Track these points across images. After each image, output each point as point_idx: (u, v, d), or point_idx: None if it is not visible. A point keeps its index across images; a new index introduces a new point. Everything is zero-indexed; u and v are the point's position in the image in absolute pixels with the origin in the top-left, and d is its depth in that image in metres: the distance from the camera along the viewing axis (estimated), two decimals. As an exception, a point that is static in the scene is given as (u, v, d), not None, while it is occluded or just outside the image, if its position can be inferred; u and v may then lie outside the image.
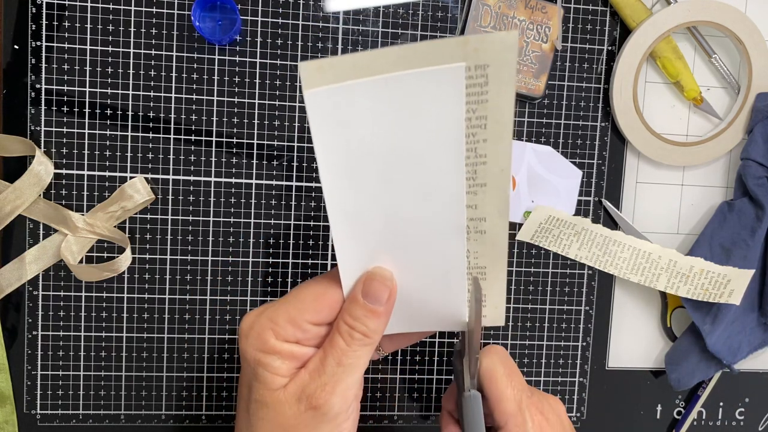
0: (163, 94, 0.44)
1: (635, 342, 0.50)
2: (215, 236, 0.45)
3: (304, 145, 0.45)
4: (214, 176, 0.45)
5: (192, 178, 0.45)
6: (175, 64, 0.44)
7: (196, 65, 0.44)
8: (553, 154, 0.47)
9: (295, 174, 0.45)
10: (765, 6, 0.49)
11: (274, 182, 0.45)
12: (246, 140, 0.45)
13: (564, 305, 0.49)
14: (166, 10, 0.43)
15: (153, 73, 0.44)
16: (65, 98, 0.43)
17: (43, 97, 0.43)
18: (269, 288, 0.46)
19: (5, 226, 0.43)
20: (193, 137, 0.44)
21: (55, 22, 0.42)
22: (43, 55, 0.42)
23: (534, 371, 0.49)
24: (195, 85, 0.44)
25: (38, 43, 0.42)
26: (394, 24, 0.45)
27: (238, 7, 0.44)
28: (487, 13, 0.45)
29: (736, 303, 0.43)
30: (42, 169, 0.42)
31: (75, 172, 0.43)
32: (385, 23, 0.45)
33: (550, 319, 0.49)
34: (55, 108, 0.43)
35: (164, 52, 0.43)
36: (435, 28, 0.46)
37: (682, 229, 0.50)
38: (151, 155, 0.44)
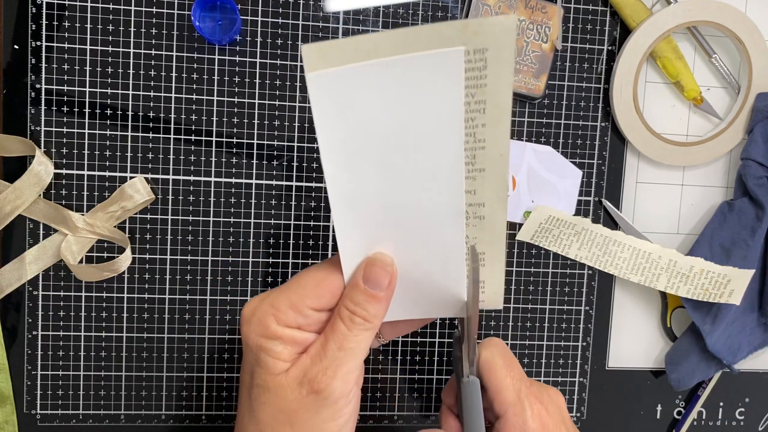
0: (163, 94, 0.44)
1: (635, 342, 0.50)
2: (215, 236, 0.45)
3: (304, 145, 0.45)
4: (214, 176, 0.45)
5: (192, 178, 0.45)
6: (175, 64, 0.44)
7: (196, 65, 0.44)
8: (553, 154, 0.47)
9: (295, 174, 0.45)
10: (765, 6, 0.49)
11: (274, 182, 0.45)
12: (246, 140, 0.45)
13: (564, 305, 0.49)
14: (166, 10, 0.43)
15: (153, 73, 0.44)
16: (65, 98, 0.43)
17: (43, 97, 0.43)
18: (269, 288, 0.46)
19: (5, 226, 0.43)
20: (193, 137, 0.44)
21: (55, 22, 0.42)
22: (43, 55, 0.42)
23: (534, 371, 0.49)
24: (195, 85, 0.44)
25: (38, 43, 0.42)
26: (394, 24, 0.45)
27: (238, 7, 0.44)
28: (487, 13, 0.45)
29: (736, 303, 0.44)
30: (42, 169, 0.42)
31: (75, 172, 0.44)
32: (385, 23, 0.45)
33: (550, 319, 0.49)
34: (55, 108, 0.43)
35: (164, 52, 0.43)
36: (435, 28, 0.46)
37: (682, 229, 0.50)
38: (151, 155, 0.44)
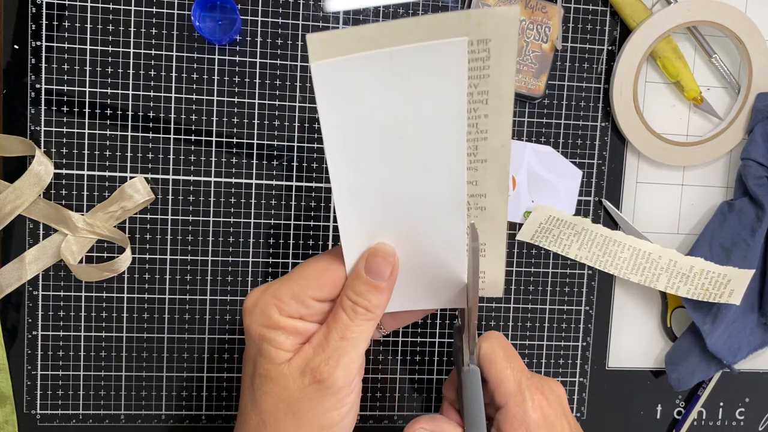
0: (163, 94, 0.44)
1: (635, 342, 0.50)
2: (215, 236, 0.45)
3: (304, 145, 0.45)
4: (214, 176, 0.45)
5: (192, 178, 0.45)
6: (175, 64, 0.44)
7: (196, 65, 0.44)
8: (553, 154, 0.47)
9: (295, 174, 0.45)
10: (765, 6, 0.49)
11: (274, 182, 0.45)
12: (246, 140, 0.45)
13: (564, 305, 0.49)
14: (166, 10, 0.43)
15: (153, 73, 0.44)
16: (65, 98, 0.43)
17: (43, 97, 0.43)
18: (269, 288, 0.46)
19: (5, 226, 0.43)
20: (193, 137, 0.44)
21: (55, 22, 0.42)
22: (43, 55, 0.42)
23: (534, 371, 0.49)
24: (195, 85, 0.44)
25: (38, 43, 0.42)
26: (394, 24, 0.45)
27: (238, 7, 0.44)
28: (487, 13, 0.45)
29: (736, 303, 0.43)
30: (42, 169, 0.42)
31: (75, 172, 0.44)
32: (385, 23, 0.45)
33: (550, 319, 0.49)
34: (55, 108, 0.43)
35: (164, 52, 0.43)
36: (435, 28, 0.46)
37: (682, 229, 0.50)
38: (151, 155, 0.44)
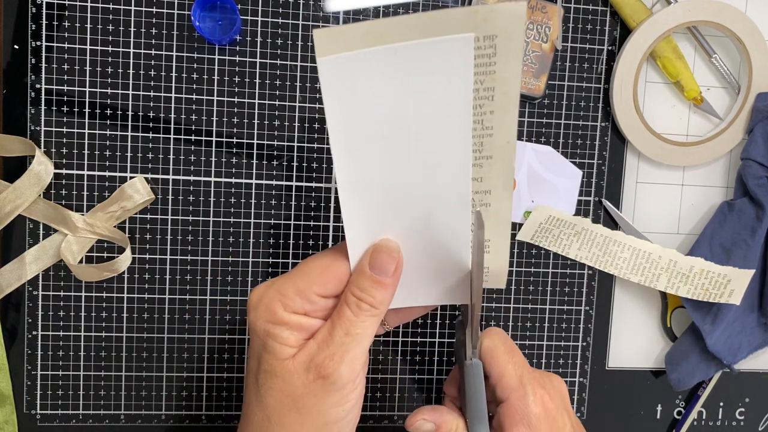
0: (163, 94, 0.44)
1: (635, 342, 0.50)
2: (215, 236, 0.45)
3: (304, 145, 0.45)
4: (214, 176, 0.45)
5: (192, 178, 0.45)
6: (175, 64, 0.44)
7: (196, 65, 0.44)
8: (553, 154, 0.47)
9: (295, 174, 0.45)
10: (765, 6, 0.48)
11: (274, 182, 0.45)
12: (246, 140, 0.45)
13: (564, 305, 0.49)
14: (166, 10, 0.43)
15: (153, 73, 0.44)
16: (65, 98, 0.43)
17: (43, 97, 0.43)
18: (269, 288, 0.46)
19: (5, 226, 0.43)
20: (193, 137, 0.44)
21: (55, 22, 0.42)
22: (43, 55, 0.42)
23: (534, 371, 0.49)
24: (195, 85, 0.44)
25: (38, 43, 0.42)
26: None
27: (238, 7, 0.44)
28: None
29: (737, 303, 0.43)
30: (42, 169, 0.42)
31: (75, 172, 0.44)
32: (385, 23, 0.45)
33: (550, 319, 0.49)
34: (55, 108, 0.43)
35: (164, 52, 0.43)
36: (435, 28, 0.46)
37: (682, 229, 0.50)
38: (151, 155, 0.44)
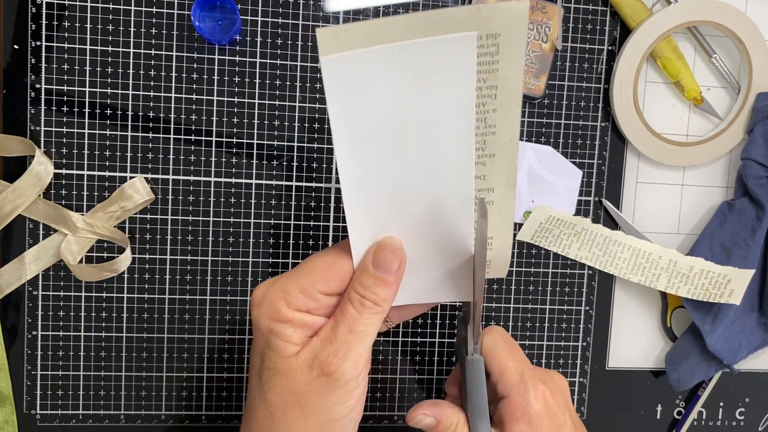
0: (163, 94, 0.44)
1: (635, 342, 0.50)
2: (215, 236, 0.45)
3: (304, 145, 0.45)
4: (214, 176, 0.45)
5: (192, 178, 0.45)
6: (175, 64, 0.44)
7: (196, 65, 0.44)
8: (553, 154, 0.47)
9: (295, 174, 0.45)
10: (765, 6, 0.48)
11: (274, 182, 0.45)
12: (246, 140, 0.45)
13: (564, 305, 0.49)
14: (166, 10, 0.43)
15: (153, 73, 0.44)
16: (65, 98, 0.43)
17: (43, 97, 0.43)
18: (269, 288, 0.46)
19: (5, 226, 0.43)
20: (193, 137, 0.44)
21: (55, 22, 0.42)
22: (43, 55, 0.42)
23: (534, 371, 0.49)
24: (195, 85, 0.44)
25: (38, 43, 0.42)
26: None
27: (238, 7, 0.44)
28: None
29: (737, 303, 0.43)
30: (42, 169, 0.42)
31: (75, 172, 0.43)
32: (385, 23, 0.45)
33: (550, 319, 0.49)
34: (55, 108, 0.43)
35: (164, 52, 0.43)
36: (435, 28, 0.46)
37: (683, 229, 0.50)
38: (151, 155, 0.44)
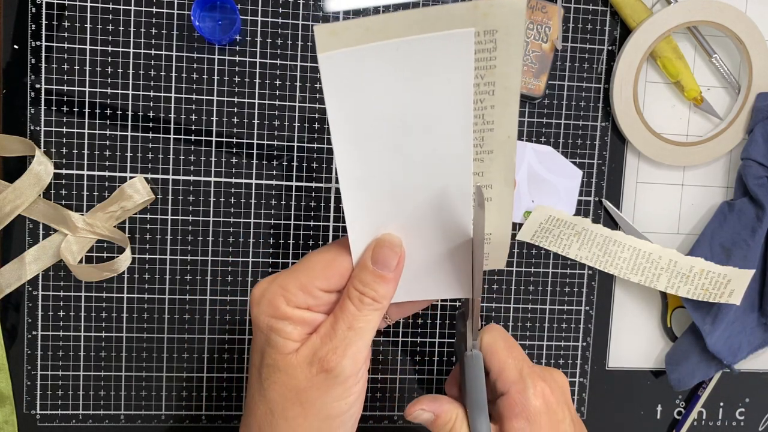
0: (163, 94, 0.44)
1: (635, 342, 0.50)
2: (215, 236, 0.45)
3: (304, 145, 0.45)
4: (214, 176, 0.45)
5: (192, 178, 0.45)
6: (175, 64, 0.44)
7: (196, 65, 0.44)
8: (553, 154, 0.47)
9: (295, 174, 0.45)
10: (765, 6, 0.48)
11: (274, 182, 0.45)
12: (246, 140, 0.45)
13: (564, 305, 0.49)
14: (166, 10, 0.43)
15: (153, 73, 0.44)
16: (65, 98, 0.43)
17: (43, 97, 0.43)
18: (269, 288, 0.46)
19: (5, 226, 0.43)
20: (193, 137, 0.44)
21: (55, 22, 0.42)
22: (43, 55, 0.42)
23: (534, 371, 0.49)
24: (195, 85, 0.44)
25: (38, 43, 0.42)
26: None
27: (238, 7, 0.44)
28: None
29: (737, 303, 0.43)
30: (42, 169, 0.42)
31: (75, 172, 0.43)
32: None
33: (550, 319, 0.49)
34: (55, 108, 0.43)
35: (164, 52, 0.43)
36: (435, 28, 0.46)
37: (683, 229, 0.50)
38: (151, 155, 0.44)
